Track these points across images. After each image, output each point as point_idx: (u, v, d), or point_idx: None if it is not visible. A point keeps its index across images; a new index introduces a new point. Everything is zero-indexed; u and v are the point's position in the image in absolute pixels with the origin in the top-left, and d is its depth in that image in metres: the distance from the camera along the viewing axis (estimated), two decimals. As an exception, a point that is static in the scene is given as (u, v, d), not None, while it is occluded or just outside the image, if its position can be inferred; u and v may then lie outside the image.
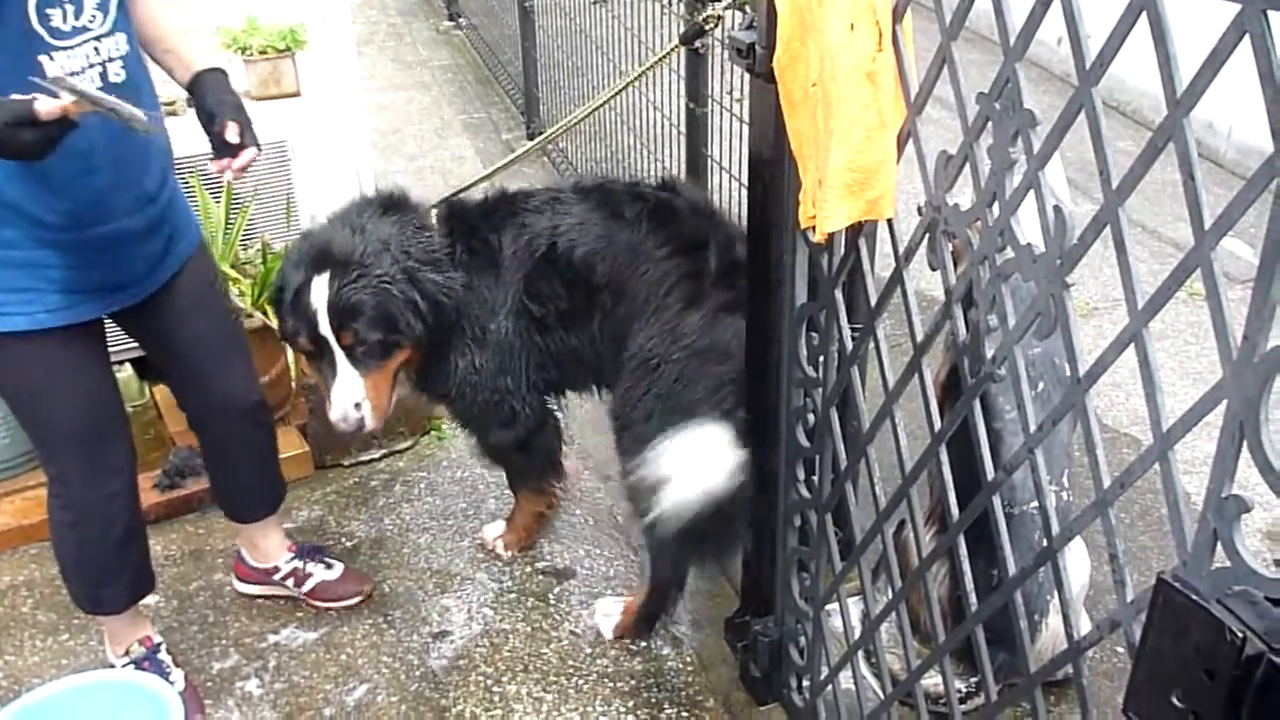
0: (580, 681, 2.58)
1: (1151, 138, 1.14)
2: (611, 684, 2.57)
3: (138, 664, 2.49)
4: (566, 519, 3.12)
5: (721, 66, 3.32)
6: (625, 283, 2.43)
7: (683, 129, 3.56)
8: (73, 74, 1.93)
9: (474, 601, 2.83)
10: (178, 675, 2.49)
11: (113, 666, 2.53)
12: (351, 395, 2.41)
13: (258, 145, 2.20)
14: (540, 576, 2.92)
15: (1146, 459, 1.24)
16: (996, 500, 1.56)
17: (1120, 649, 2.63)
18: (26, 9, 1.89)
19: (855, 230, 1.74)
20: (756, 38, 1.84)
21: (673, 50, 2.17)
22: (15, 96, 1.77)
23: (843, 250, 1.81)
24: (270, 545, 2.77)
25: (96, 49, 2.00)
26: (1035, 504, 2.32)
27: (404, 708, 2.51)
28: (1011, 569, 1.57)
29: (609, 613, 2.74)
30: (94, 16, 1.99)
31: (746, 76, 2.00)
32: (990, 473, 1.56)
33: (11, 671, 2.63)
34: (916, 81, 1.54)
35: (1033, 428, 1.45)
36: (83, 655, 2.67)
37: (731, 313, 2.28)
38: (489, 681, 2.57)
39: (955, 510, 1.66)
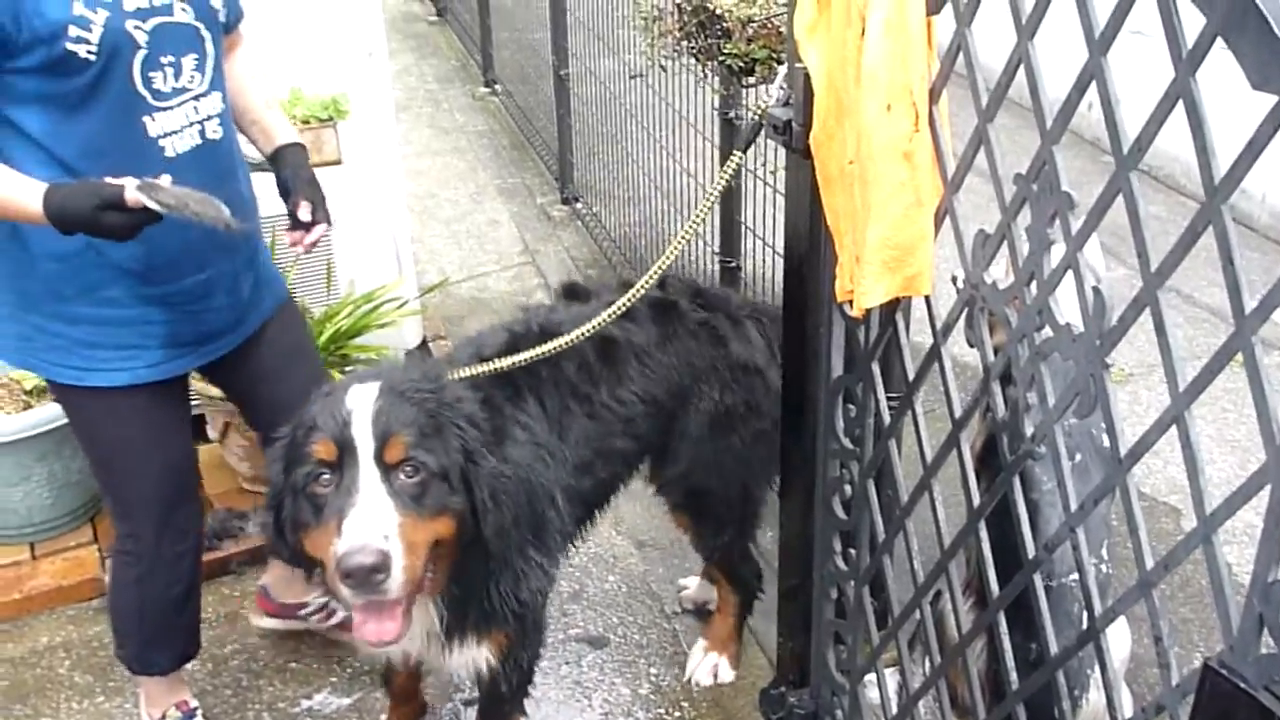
0: (613, 751, 2.56)
1: (1191, 223, 1.15)
2: (645, 755, 2.55)
3: None
4: (599, 585, 3.12)
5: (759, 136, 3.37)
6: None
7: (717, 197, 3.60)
8: (172, 133, 2.06)
9: (506, 668, 2.82)
10: None
11: (147, 731, 2.54)
12: (380, 522, 1.70)
13: (329, 221, 2.31)
14: (573, 644, 2.91)
15: (1190, 541, 1.23)
16: (1037, 578, 1.55)
17: (1163, 724, 2.58)
18: (131, 73, 1.98)
19: (893, 304, 1.75)
20: (793, 114, 1.87)
21: (735, 166, 2.15)
22: (109, 180, 1.87)
23: (879, 324, 1.83)
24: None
25: (195, 108, 2.10)
26: (1074, 576, 2.31)
27: (436, 774, 2.51)
28: (1053, 647, 1.55)
29: (704, 661, 2.76)
30: (193, 78, 2.09)
31: (782, 150, 2.04)
32: (1031, 550, 1.55)
33: (48, 734, 2.65)
34: (953, 161, 1.57)
35: (1073, 504, 1.45)
36: (118, 718, 2.68)
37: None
38: (522, 750, 2.56)
39: (995, 588, 1.65)
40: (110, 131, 1.98)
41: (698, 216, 2.07)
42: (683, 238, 2.08)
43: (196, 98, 2.10)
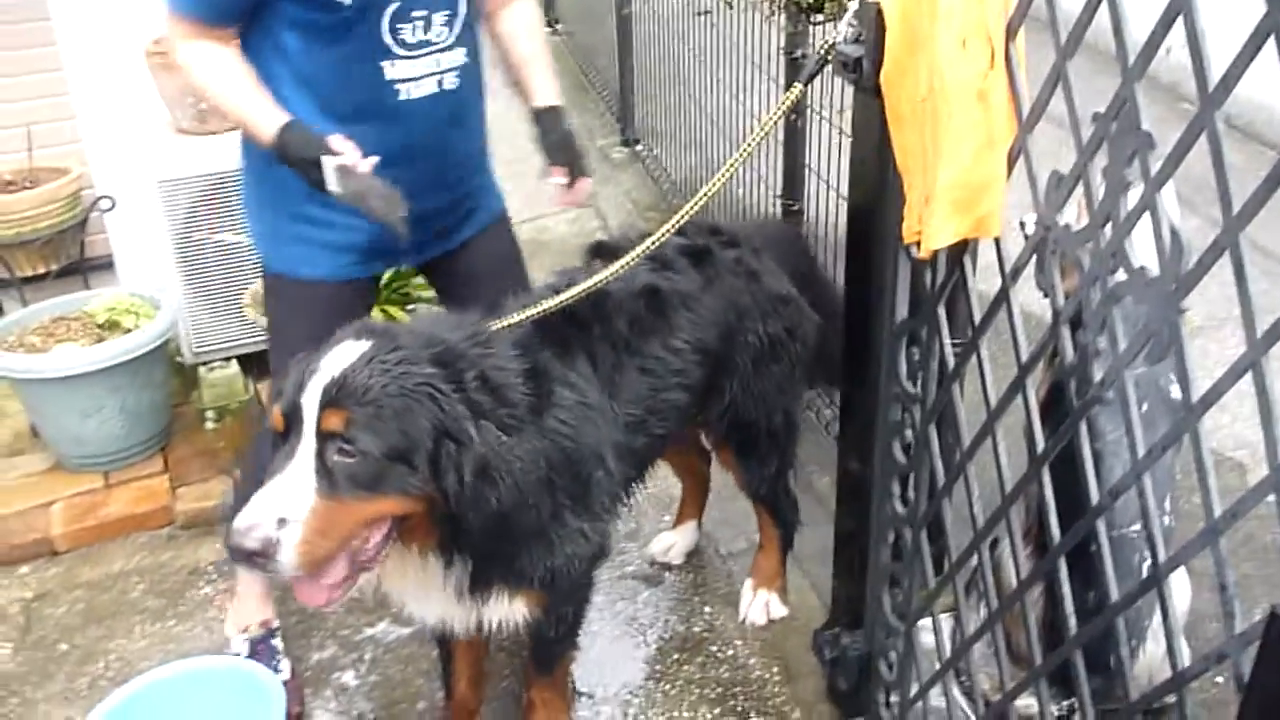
0: (667, 686, 2.60)
1: (1276, 165, 1.11)
2: (699, 690, 2.59)
3: (254, 645, 2.58)
4: (655, 525, 3.14)
5: (822, 76, 3.31)
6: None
7: (780, 139, 3.55)
8: (409, 80, 2.21)
9: (563, 604, 2.87)
10: (286, 665, 2.57)
11: (226, 648, 2.61)
12: (280, 504, 1.65)
13: (586, 174, 2.44)
14: (629, 581, 2.95)
15: (1261, 489, 1.22)
16: (1101, 525, 1.54)
17: (1220, 679, 2.56)
18: (381, 23, 2.13)
19: (960, 247, 1.73)
20: (864, 51, 1.84)
21: (795, 97, 2.09)
22: (330, 144, 2.07)
23: (946, 266, 1.80)
24: None
25: (438, 61, 2.24)
26: (1135, 527, 2.29)
27: (494, 704, 2.56)
28: (1114, 594, 1.54)
29: (755, 600, 2.81)
30: (440, 33, 2.22)
31: (849, 88, 2.00)
32: (1095, 497, 1.54)
33: (122, 654, 2.75)
34: (1029, 100, 1.53)
35: (1140, 452, 1.43)
36: (188, 641, 2.78)
37: None
38: (576, 683, 2.61)
39: (1057, 534, 1.64)
40: (351, 67, 2.17)
41: (750, 144, 2.01)
42: (732, 164, 2.03)
43: (440, 51, 2.23)
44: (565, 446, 1.98)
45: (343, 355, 1.74)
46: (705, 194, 2.06)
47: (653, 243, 2.09)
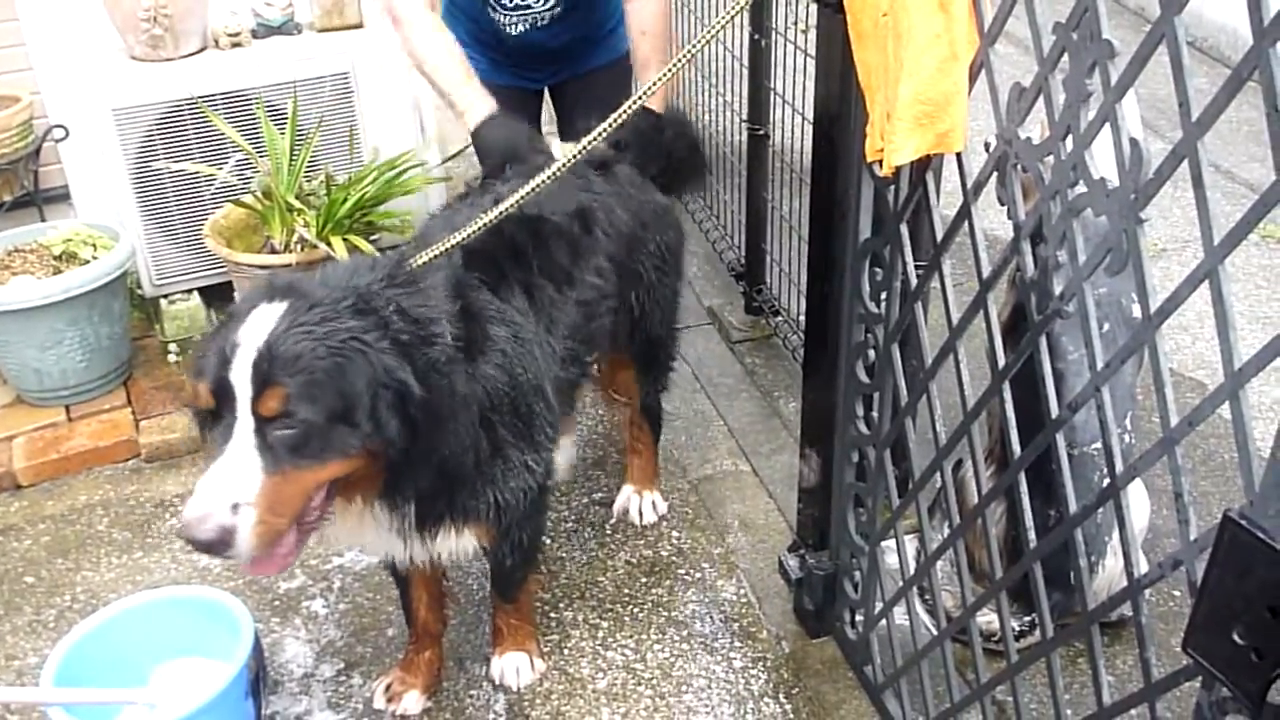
0: (635, 610, 2.63)
1: (1236, 68, 1.11)
2: (666, 613, 2.61)
3: None
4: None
5: (788, -2, 3.27)
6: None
7: (745, 62, 3.51)
8: (509, 24, 2.90)
9: (532, 530, 2.88)
10: None
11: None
12: (230, 489, 1.60)
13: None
14: (597, 508, 2.97)
15: (1217, 397, 1.23)
16: (1060, 438, 1.56)
17: (1177, 592, 2.62)
18: None
19: (923, 164, 1.72)
20: (826, -34, 1.81)
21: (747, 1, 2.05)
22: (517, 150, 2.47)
23: (909, 185, 1.79)
24: None
25: (532, 18, 2.88)
26: (1096, 445, 2.32)
27: (464, 629, 2.58)
28: (1073, 506, 1.56)
29: (641, 502, 2.93)
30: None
31: (813, 6, 1.97)
32: (1055, 410, 1.55)
33: (89, 586, 2.74)
34: (990, 12, 1.51)
35: (1099, 366, 1.44)
36: (156, 573, 2.77)
37: None
38: (545, 607, 2.63)
39: (1017, 448, 1.66)
40: (473, 7, 2.90)
41: (697, 44, 1.93)
42: (678, 62, 1.98)
43: (537, 13, 2.87)
44: (504, 383, 1.95)
45: (260, 322, 1.66)
46: (651, 86, 2.02)
47: (589, 142, 2.00)
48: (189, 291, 3.66)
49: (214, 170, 3.37)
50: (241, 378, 1.61)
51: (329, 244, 3.14)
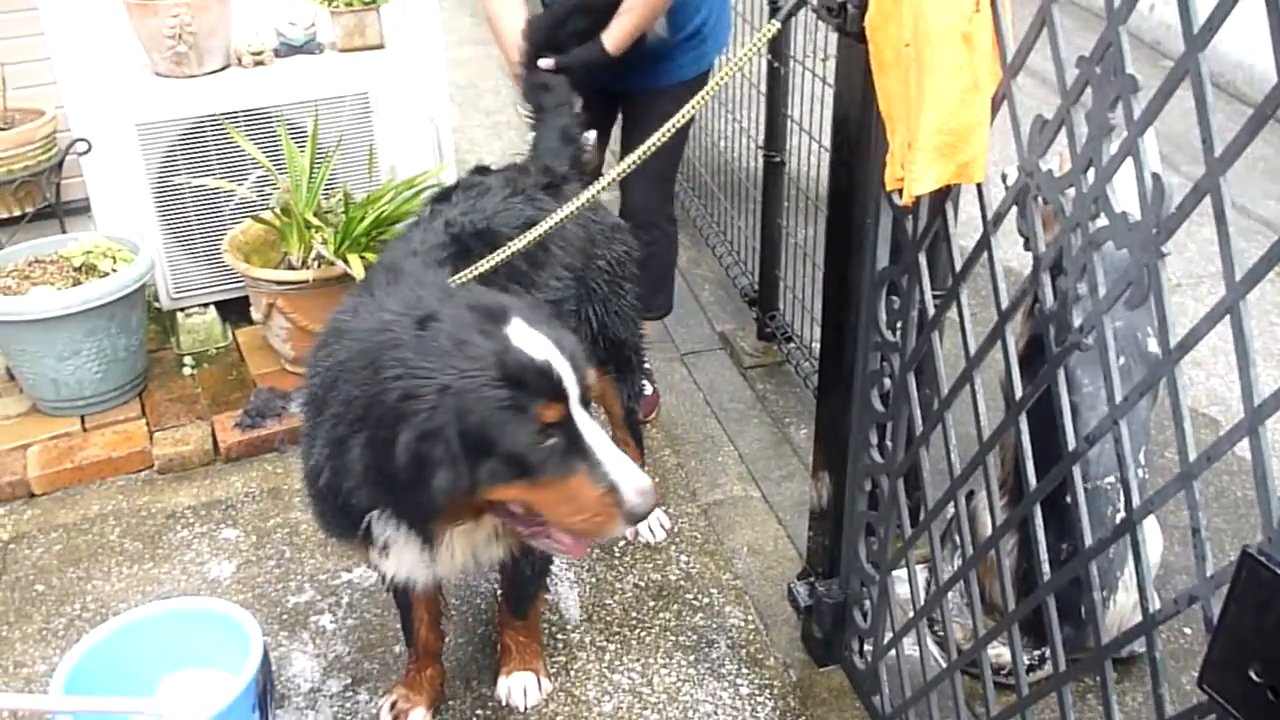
0: (643, 633, 2.62)
1: (1260, 105, 1.11)
2: (674, 638, 2.61)
3: None
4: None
5: (805, 24, 3.29)
6: None
7: (763, 89, 3.53)
8: None
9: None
10: None
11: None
12: (630, 463, 1.78)
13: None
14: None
15: (1235, 433, 1.23)
16: (1076, 470, 1.55)
17: (1187, 630, 2.61)
18: None
19: (942, 194, 1.73)
20: (848, -4, 1.82)
21: (771, 32, 2.09)
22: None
23: (927, 214, 1.80)
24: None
25: None
26: (1110, 479, 2.31)
27: (471, 649, 2.58)
28: (1089, 539, 1.56)
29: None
30: None
31: (833, 36, 1.99)
32: (1072, 443, 1.55)
33: (99, 596, 2.74)
34: (1014, 44, 1.52)
35: (1118, 399, 1.44)
36: (166, 584, 2.78)
37: None
38: (553, 628, 2.63)
39: (1033, 480, 1.66)
40: None
41: (722, 76, 2.02)
42: (704, 96, 2.02)
43: None
44: None
45: (528, 333, 1.73)
46: (671, 125, 2.05)
47: (618, 173, 2.13)
48: (205, 305, 3.68)
49: (234, 186, 3.40)
50: (569, 380, 1.72)
51: (346, 261, 3.16)
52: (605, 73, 2.92)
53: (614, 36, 2.84)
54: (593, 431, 1.74)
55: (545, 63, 2.81)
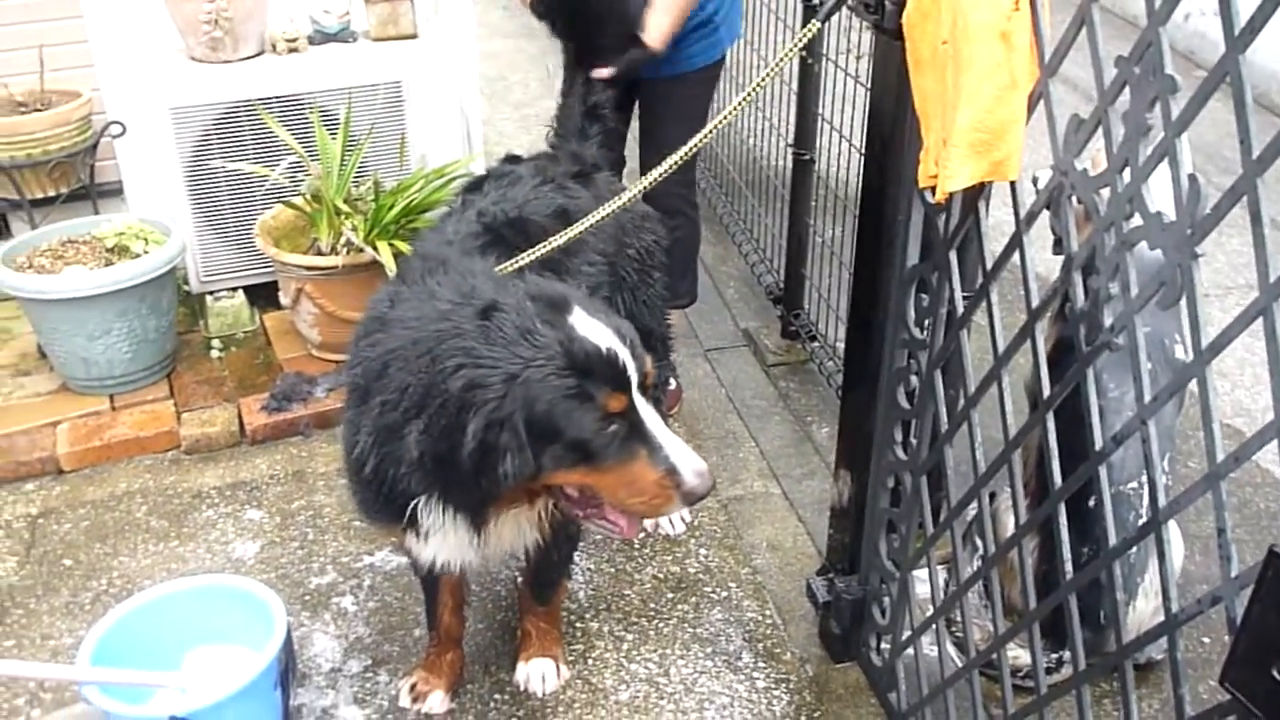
0: (660, 625, 2.63)
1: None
2: (691, 629, 2.62)
3: None
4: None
5: (839, 22, 3.30)
6: None
7: (794, 87, 3.54)
8: None
9: (561, 541, 2.90)
10: None
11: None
12: (686, 447, 1.83)
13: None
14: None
15: (1265, 435, 1.23)
16: (1102, 470, 1.56)
17: (1206, 639, 2.60)
18: None
19: (974, 193, 1.73)
20: (886, -7, 1.83)
21: (813, 32, 2.09)
22: None
23: (959, 212, 1.81)
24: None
25: None
26: (1133, 485, 2.31)
27: (490, 635, 2.60)
28: (1111, 539, 1.57)
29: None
30: None
31: (866, 34, 1.99)
32: (1099, 442, 1.56)
33: (125, 571, 2.78)
34: (1052, 43, 1.53)
35: (1146, 399, 1.44)
36: (191, 562, 2.81)
37: None
38: (572, 617, 2.64)
39: (1059, 479, 1.66)
40: None
41: (761, 80, 2.01)
42: (741, 101, 2.02)
43: None
44: None
45: (590, 323, 1.77)
46: (713, 128, 2.06)
47: (657, 176, 2.11)
48: (234, 289, 3.72)
49: (266, 171, 3.43)
50: (631, 368, 1.76)
51: (375, 248, 3.19)
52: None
53: (656, 34, 2.87)
54: (651, 417, 1.79)
55: (601, 73, 2.82)
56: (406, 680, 2.42)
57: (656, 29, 2.87)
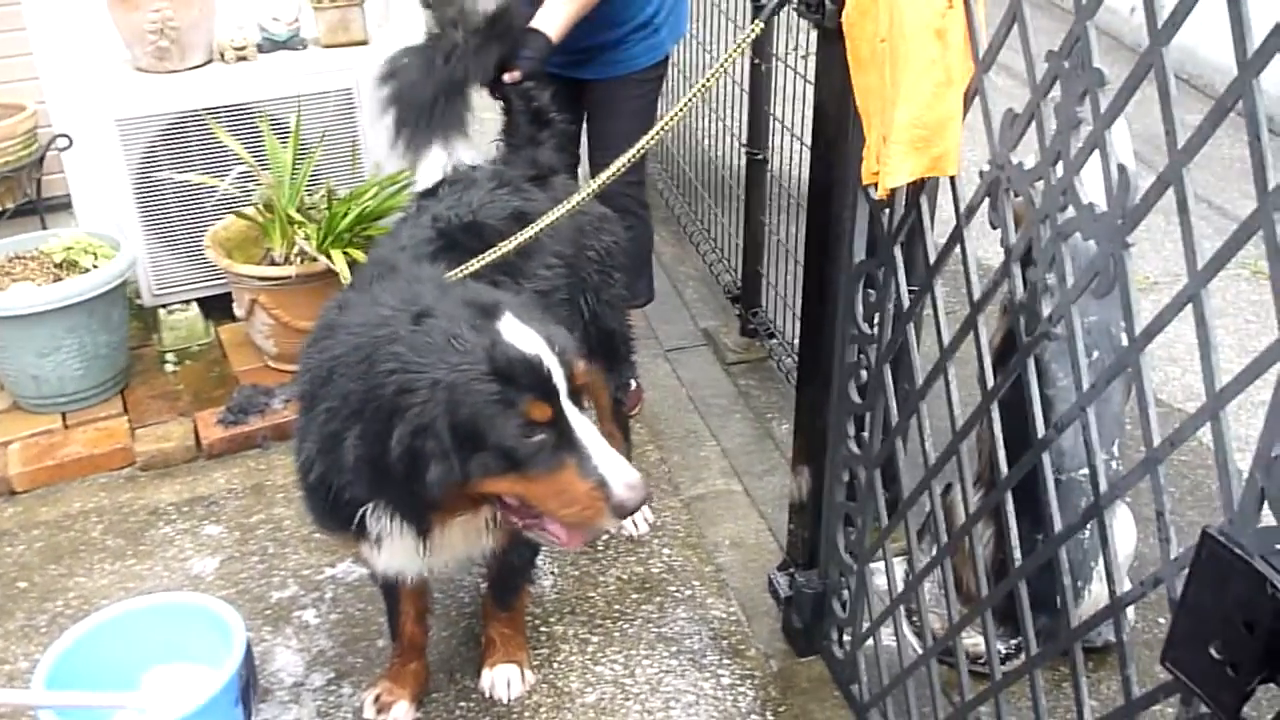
0: (625, 626, 2.64)
1: (1220, 98, 1.14)
2: (656, 629, 2.63)
3: None
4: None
5: (790, 25, 3.32)
6: None
7: (745, 87, 3.56)
8: None
9: (523, 545, 2.90)
10: None
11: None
12: (619, 457, 1.79)
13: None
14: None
15: (1199, 417, 1.26)
16: (1046, 458, 1.58)
17: (1161, 619, 2.64)
18: None
19: (917, 188, 1.75)
20: (826, -8, 1.85)
21: (756, 31, 2.10)
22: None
23: (903, 208, 1.83)
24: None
25: None
26: (1083, 470, 2.34)
27: (454, 642, 2.59)
28: (1058, 525, 1.59)
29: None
30: None
31: (814, 33, 2.01)
32: (1041, 429, 1.58)
33: (82, 592, 2.75)
34: (986, 39, 1.55)
35: (1085, 386, 1.47)
36: (149, 580, 2.78)
37: None
38: (536, 621, 2.64)
39: (1005, 467, 1.69)
40: None
41: (708, 79, 2.03)
42: (689, 100, 2.03)
43: None
44: None
45: (518, 329, 1.75)
46: (656, 133, 2.07)
47: (608, 177, 2.12)
48: (187, 302, 3.68)
49: (216, 182, 3.41)
50: (558, 376, 1.74)
51: (329, 257, 3.18)
52: (558, 58, 2.91)
53: (554, 26, 2.81)
54: (583, 426, 1.76)
55: (510, 77, 2.74)
56: (371, 691, 2.41)
57: (554, 20, 2.81)
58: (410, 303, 1.80)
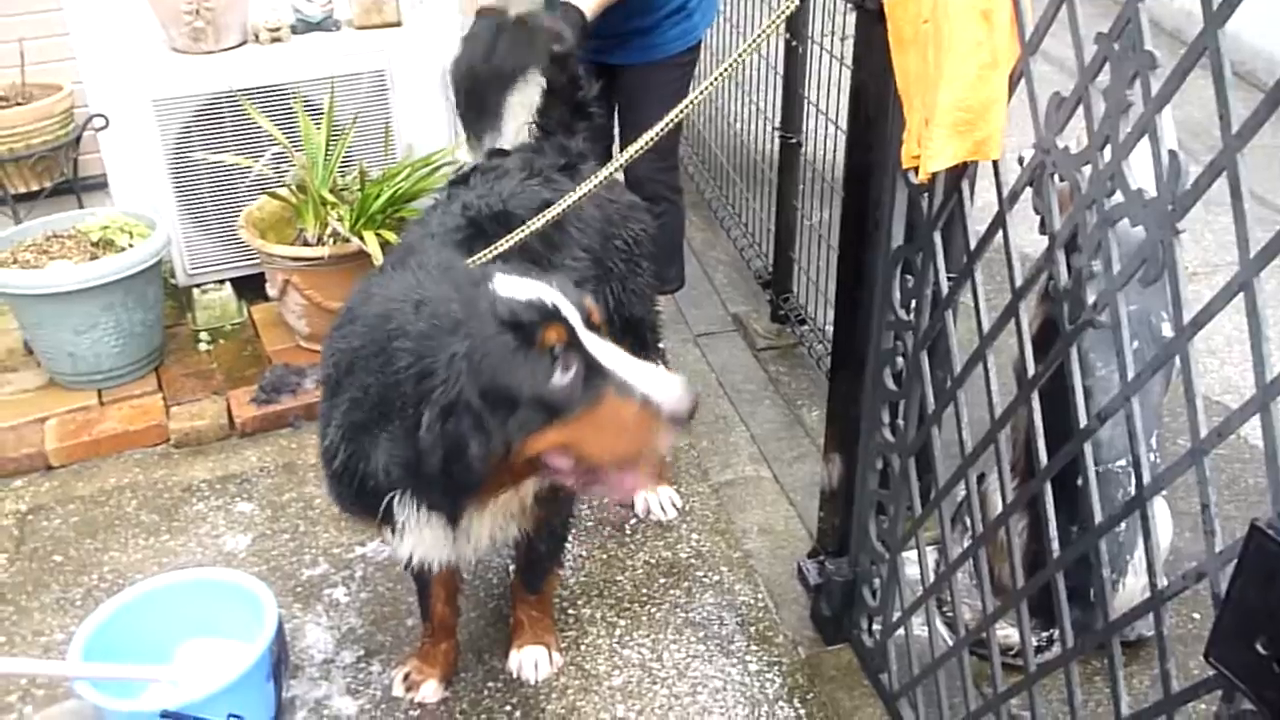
0: (653, 610, 2.64)
1: (1274, 87, 1.12)
2: (684, 614, 2.62)
3: None
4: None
5: (824, 3, 3.29)
6: None
7: (780, 69, 3.53)
8: None
9: (553, 528, 2.90)
10: None
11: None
12: (655, 368, 1.77)
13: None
14: (617, 507, 2.98)
15: (1247, 409, 1.23)
16: (1088, 447, 1.56)
17: (1196, 615, 2.61)
18: None
19: (958, 173, 1.73)
20: (867, -26, 1.83)
21: (789, 10, 2.07)
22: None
23: (943, 193, 1.80)
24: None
25: None
26: (1121, 463, 2.32)
27: (483, 623, 2.60)
28: (1098, 516, 1.57)
29: (659, 498, 2.96)
30: None
31: (851, 15, 1.99)
32: (1083, 419, 1.56)
33: (116, 566, 2.77)
34: (1032, 21, 1.52)
35: (1129, 376, 1.44)
36: (182, 555, 2.81)
37: None
38: (564, 603, 2.65)
39: (1044, 457, 1.66)
40: None
41: (740, 53, 1.99)
42: (718, 75, 2.00)
43: None
44: None
45: (514, 281, 1.74)
46: (691, 100, 2.05)
47: (631, 154, 2.10)
48: (221, 282, 3.70)
49: (250, 163, 3.42)
50: (565, 306, 1.71)
51: (361, 238, 3.18)
52: (592, 43, 2.91)
53: (589, 3, 2.83)
54: (607, 351, 1.70)
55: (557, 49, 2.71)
56: (400, 670, 2.42)
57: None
58: (410, 293, 1.79)
